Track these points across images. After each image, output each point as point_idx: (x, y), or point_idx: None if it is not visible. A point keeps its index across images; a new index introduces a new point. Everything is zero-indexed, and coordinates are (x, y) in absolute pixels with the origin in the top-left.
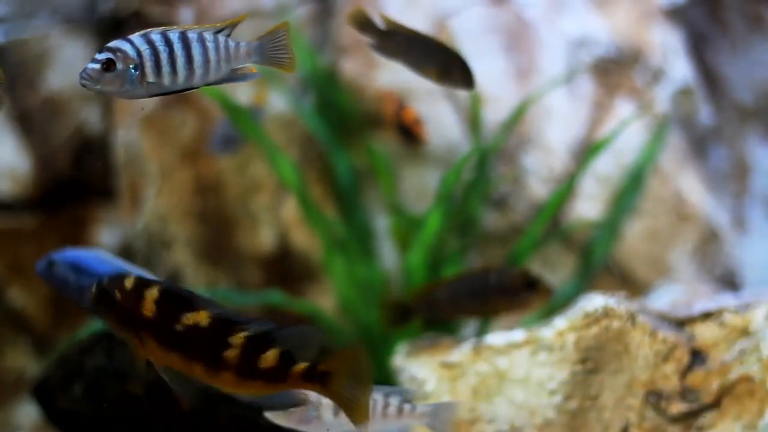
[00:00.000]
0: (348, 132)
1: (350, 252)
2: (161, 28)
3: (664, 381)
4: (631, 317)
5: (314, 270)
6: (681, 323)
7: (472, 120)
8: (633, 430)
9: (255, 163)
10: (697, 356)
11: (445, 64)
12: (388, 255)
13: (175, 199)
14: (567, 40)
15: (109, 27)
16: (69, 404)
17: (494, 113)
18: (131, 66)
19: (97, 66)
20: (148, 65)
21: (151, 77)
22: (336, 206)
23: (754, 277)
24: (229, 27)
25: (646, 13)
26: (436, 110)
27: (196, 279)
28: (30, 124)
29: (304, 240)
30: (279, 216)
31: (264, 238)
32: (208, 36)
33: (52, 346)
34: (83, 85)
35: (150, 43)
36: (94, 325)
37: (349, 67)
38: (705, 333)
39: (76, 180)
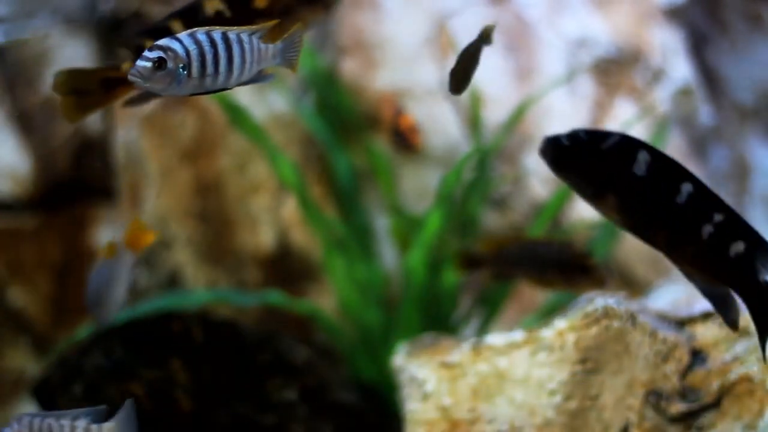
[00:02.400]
0: (348, 132)
1: (350, 252)
2: (206, 28)
3: (664, 381)
4: (631, 317)
5: (314, 270)
6: (681, 323)
7: (473, 120)
8: (633, 430)
9: (255, 163)
10: (697, 356)
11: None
12: (388, 255)
13: (175, 199)
14: (567, 40)
15: (109, 27)
16: (69, 404)
17: (494, 113)
18: (180, 65)
19: (149, 64)
20: (195, 65)
21: (195, 76)
22: (336, 206)
23: None
24: (262, 30)
25: (646, 13)
26: (436, 110)
27: (196, 279)
28: (30, 124)
29: (304, 240)
30: (279, 216)
31: (264, 238)
32: (245, 37)
33: (52, 346)
34: (132, 82)
35: (198, 43)
36: (93, 324)
37: (349, 67)
38: (705, 333)
39: (76, 180)
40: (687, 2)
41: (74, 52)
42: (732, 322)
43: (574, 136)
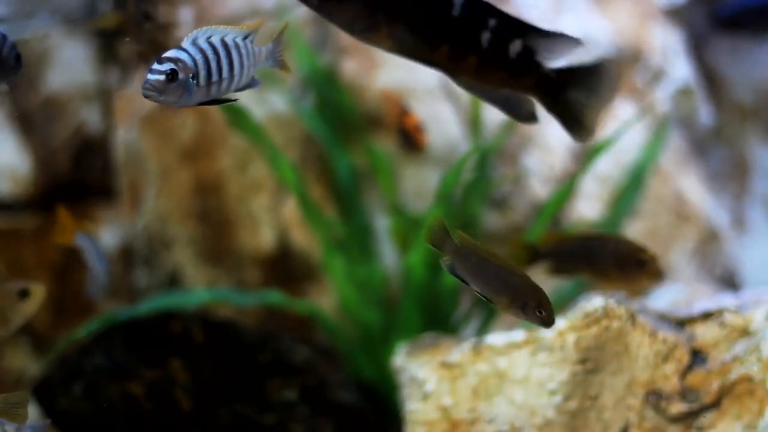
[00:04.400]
0: (348, 132)
1: (350, 252)
2: (205, 33)
3: (664, 381)
4: (631, 317)
5: (314, 270)
6: (681, 323)
7: (473, 120)
8: (633, 430)
9: (255, 163)
10: (697, 356)
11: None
12: (388, 255)
13: (175, 199)
14: None
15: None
16: (69, 404)
17: (494, 113)
18: (190, 75)
19: (162, 77)
20: (203, 74)
21: (203, 85)
22: (336, 206)
23: (754, 277)
24: (253, 32)
25: (646, 13)
26: (436, 110)
27: (196, 279)
28: (30, 124)
29: (304, 240)
30: (279, 216)
31: (264, 238)
32: (240, 41)
33: (52, 346)
34: (147, 96)
35: (202, 51)
36: (93, 324)
37: (349, 67)
38: (705, 333)
39: (76, 180)
40: (687, 2)
41: (74, 52)
42: (528, 116)
43: None
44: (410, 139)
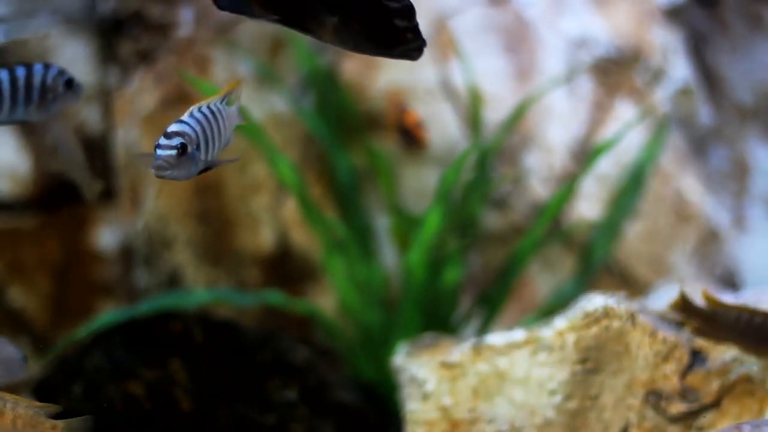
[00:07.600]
0: (348, 132)
1: (350, 252)
2: (197, 106)
3: (664, 381)
4: (631, 317)
5: (314, 270)
6: (681, 323)
7: (472, 120)
8: (633, 430)
9: (255, 163)
10: (697, 356)
11: None
12: (388, 255)
13: (175, 199)
14: (567, 40)
15: (109, 27)
16: (69, 404)
17: (494, 113)
18: (195, 147)
19: (174, 152)
20: (202, 144)
21: (202, 155)
22: (336, 206)
23: (754, 277)
24: (227, 94)
25: (646, 13)
26: (436, 110)
27: (196, 279)
28: (30, 124)
29: (304, 240)
30: (279, 216)
31: (264, 238)
32: (220, 106)
33: (52, 346)
34: (160, 175)
35: (198, 122)
36: (93, 324)
37: (349, 67)
38: None
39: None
40: (687, 2)
41: (74, 52)
42: None
43: None
44: (411, 137)
